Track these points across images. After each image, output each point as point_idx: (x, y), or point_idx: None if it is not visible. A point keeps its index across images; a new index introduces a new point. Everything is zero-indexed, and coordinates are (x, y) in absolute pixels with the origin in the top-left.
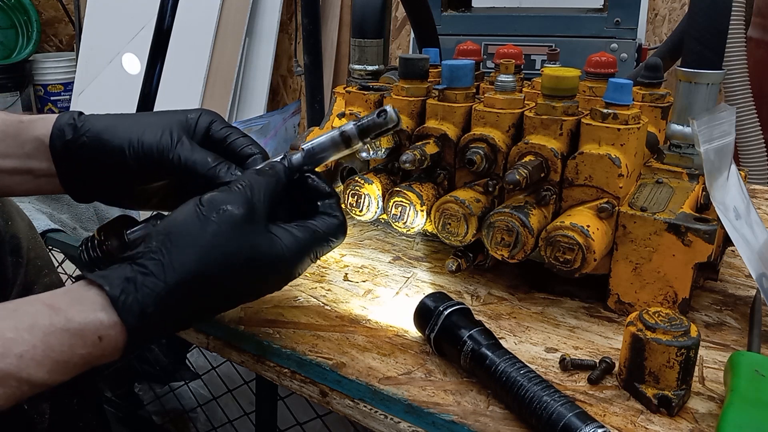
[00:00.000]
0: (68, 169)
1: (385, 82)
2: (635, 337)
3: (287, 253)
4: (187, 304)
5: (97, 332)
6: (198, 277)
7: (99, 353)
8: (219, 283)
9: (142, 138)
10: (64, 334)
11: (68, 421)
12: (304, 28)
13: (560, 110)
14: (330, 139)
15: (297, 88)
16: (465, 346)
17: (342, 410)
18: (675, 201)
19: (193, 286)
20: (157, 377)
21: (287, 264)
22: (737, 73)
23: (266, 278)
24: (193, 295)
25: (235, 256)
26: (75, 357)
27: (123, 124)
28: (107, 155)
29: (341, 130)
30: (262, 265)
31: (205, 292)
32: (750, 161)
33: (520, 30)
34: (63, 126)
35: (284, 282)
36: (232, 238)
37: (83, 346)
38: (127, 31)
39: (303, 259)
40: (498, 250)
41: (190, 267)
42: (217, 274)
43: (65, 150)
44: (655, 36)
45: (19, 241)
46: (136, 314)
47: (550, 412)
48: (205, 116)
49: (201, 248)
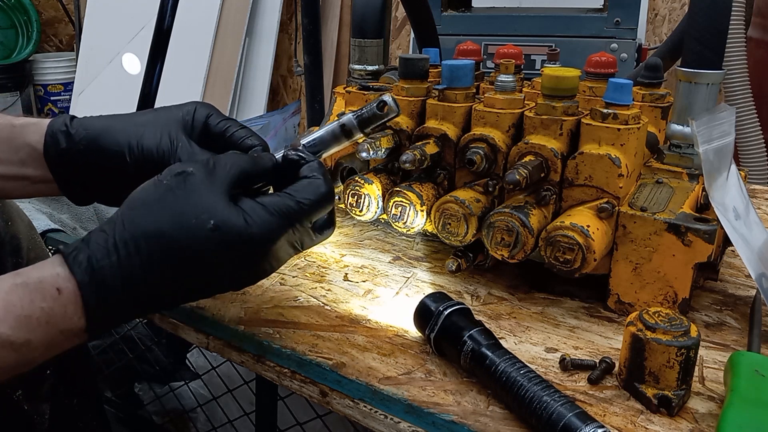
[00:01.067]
0: (65, 176)
1: (385, 82)
2: (635, 337)
3: (256, 221)
4: (138, 263)
5: (55, 284)
6: (147, 234)
7: (60, 310)
8: (168, 242)
9: (141, 142)
10: (23, 289)
11: (68, 421)
12: (304, 28)
13: (560, 110)
14: (330, 132)
15: (297, 88)
16: (465, 346)
17: (342, 410)
18: (675, 201)
19: (145, 243)
20: (157, 377)
21: (258, 238)
22: (737, 73)
23: (236, 253)
24: (141, 253)
25: (187, 216)
26: (36, 311)
27: (119, 126)
28: (106, 160)
29: (341, 122)
30: (226, 235)
31: (161, 253)
32: (750, 161)
33: (520, 30)
34: (55, 133)
35: (260, 261)
36: (182, 197)
37: (43, 299)
38: (127, 31)
39: (280, 231)
40: (498, 250)
41: (138, 222)
42: (169, 232)
43: (60, 158)
44: (655, 36)
45: (19, 242)
46: (84, 266)
47: (550, 412)
48: (201, 110)
49: (150, 206)
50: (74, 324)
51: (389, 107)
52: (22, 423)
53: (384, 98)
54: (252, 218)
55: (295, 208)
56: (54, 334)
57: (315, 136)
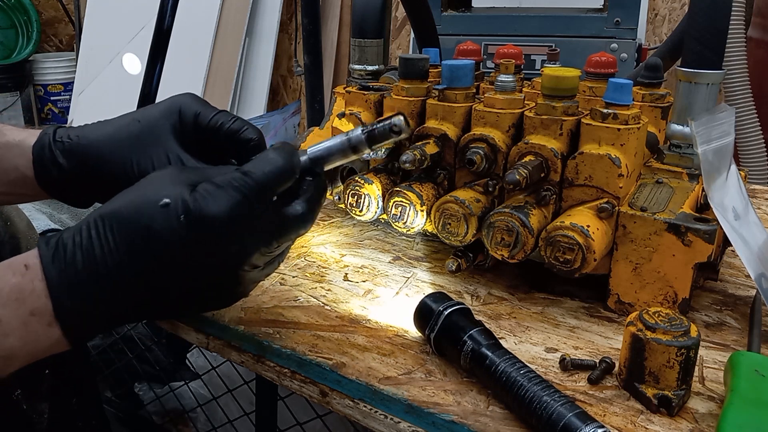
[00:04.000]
0: (62, 195)
1: (385, 82)
2: (635, 337)
3: (206, 196)
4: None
5: (24, 261)
6: (104, 214)
7: (29, 285)
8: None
9: (138, 164)
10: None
11: (68, 420)
12: (304, 28)
13: (560, 110)
14: (337, 145)
15: (297, 88)
16: (465, 346)
17: (342, 410)
18: (675, 201)
19: (102, 222)
20: (157, 377)
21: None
22: (737, 73)
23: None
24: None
25: (142, 198)
26: (7, 286)
27: (109, 149)
28: (102, 183)
29: (349, 136)
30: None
31: (116, 230)
32: (750, 161)
33: (520, 30)
34: (44, 162)
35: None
36: (143, 185)
37: (13, 275)
38: (127, 31)
39: (233, 204)
40: (498, 250)
41: (104, 209)
42: (123, 211)
43: (54, 184)
44: (655, 36)
45: (18, 242)
46: (51, 244)
47: (550, 412)
48: (188, 110)
49: (120, 194)
50: (44, 305)
51: (401, 128)
52: (21, 422)
53: (396, 120)
54: (200, 193)
55: (245, 179)
56: (25, 315)
57: (322, 147)
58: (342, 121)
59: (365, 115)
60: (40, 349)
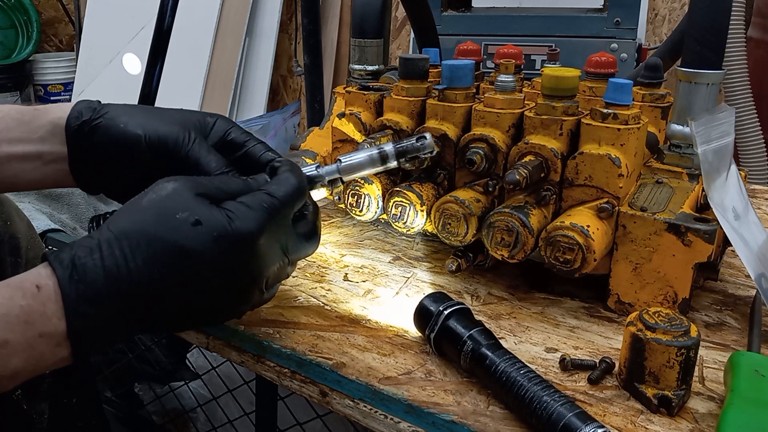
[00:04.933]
0: (80, 152)
1: (385, 82)
2: (635, 337)
3: (238, 215)
4: (127, 261)
5: (35, 282)
6: (130, 232)
7: (40, 308)
8: (158, 239)
9: (159, 129)
10: (5, 288)
11: (68, 420)
12: (304, 28)
13: (560, 110)
14: (368, 157)
15: (297, 88)
16: (465, 346)
17: (342, 410)
18: (675, 201)
19: (128, 241)
20: (157, 377)
21: (243, 230)
22: (737, 73)
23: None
24: (130, 250)
25: (169, 214)
26: (15, 309)
27: (142, 113)
28: (122, 137)
29: (380, 148)
30: (209, 228)
31: (145, 248)
32: (750, 161)
33: (520, 30)
34: (82, 109)
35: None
36: (165, 199)
37: (23, 297)
38: (127, 31)
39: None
40: (498, 250)
41: (122, 223)
42: (151, 228)
43: (80, 131)
44: (655, 36)
45: (17, 241)
46: (66, 263)
47: (550, 412)
48: (222, 122)
49: (133, 208)
50: (54, 327)
51: (428, 144)
52: (21, 422)
53: (425, 135)
54: (233, 213)
55: (271, 200)
56: (33, 337)
57: (354, 159)
58: (342, 121)
59: (365, 115)
60: (43, 367)
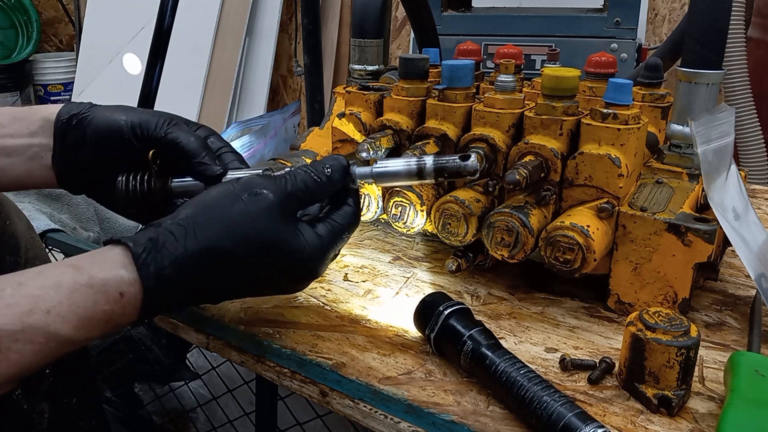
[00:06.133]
0: (64, 145)
1: (385, 82)
2: (635, 337)
3: (309, 249)
4: (203, 274)
5: (119, 288)
6: (216, 251)
7: (120, 310)
8: (237, 261)
9: (141, 116)
10: (88, 290)
11: (68, 421)
12: (304, 28)
13: (560, 110)
14: (405, 168)
15: (297, 88)
16: (465, 346)
17: (342, 410)
18: (675, 201)
19: (211, 258)
20: (157, 377)
21: (310, 261)
22: (737, 73)
23: (287, 271)
24: (209, 266)
25: (256, 239)
26: (98, 313)
27: (127, 108)
28: (106, 125)
29: (419, 162)
30: (282, 257)
31: (222, 267)
32: (750, 161)
33: (520, 30)
34: (72, 106)
35: (307, 279)
36: (257, 220)
37: (106, 302)
38: (127, 31)
39: (326, 257)
40: (498, 250)
41: (210, 239)
42: (235, 252)
43: (68, 123)
44: (655, 36)
45: (17, 241)
46: (153, 273)
47: (550, 412)
48: (205, 128)
49: (225, 224)
50: (127, 320)
51: (472, 167)
52: (21, 422)
53: (470, 155)
54: (309, 243)
55: (339, 233)
56: (108, 330)
57: (390, 166)
58: (342, 121)
59: (365, 115)
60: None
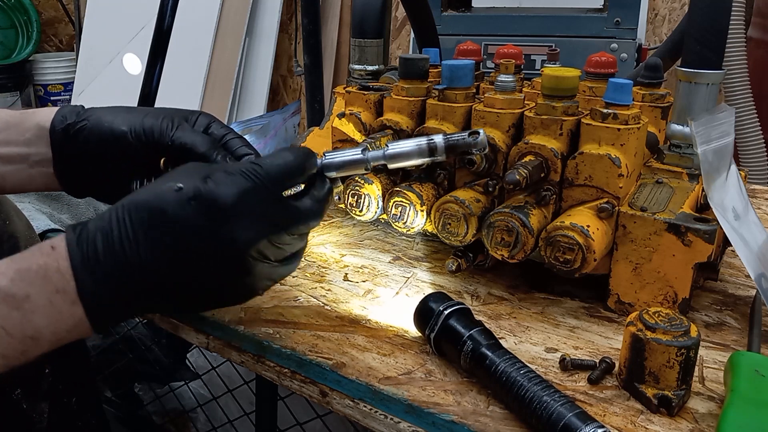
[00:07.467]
0: (66, 155)
1: (385, 82)
2: (635, 337)
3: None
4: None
5: (51, 243)
6: (128, 202)
7: (54, 264)
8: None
9: (144, 121)
10: (25, 252)
11: (67, 420)
12: (304, 28)
13: (560, 110)
14: (417, 148)
15: (297, 88)
16: (465, 346)
17: (342, 410)
18: (675, 201)
19: (123, 208)
20: (157, 377)
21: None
22: (737, 73)
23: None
24: (123, 217)
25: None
26: (34, 265)
27: (125, 111)
28: (109, 134)
29: (429, 141)
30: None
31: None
32: (750, 161)
33: (520, 30)
34: (66, 113)
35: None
36: (168, 175)
37: (40, 255)
38: (127, 31)
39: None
40: (498, 250)
41: (128, 198)
42: (144, 197)
43: (65, 133)
44: (655, 36)
45: (17, 241)
46: (78, 230)
47: (550, 412)
48: (204, 116)
49: (151, 186)
50: (67, 282)
51: (481, 140)
52: (21, 422)
53: (479, 131)
54: (212, 179)
55: (255, 168)
56: (51, 292)
57: (403, 147)
58: (342, 121)
59: (365, 115)
60: (63, 329)
